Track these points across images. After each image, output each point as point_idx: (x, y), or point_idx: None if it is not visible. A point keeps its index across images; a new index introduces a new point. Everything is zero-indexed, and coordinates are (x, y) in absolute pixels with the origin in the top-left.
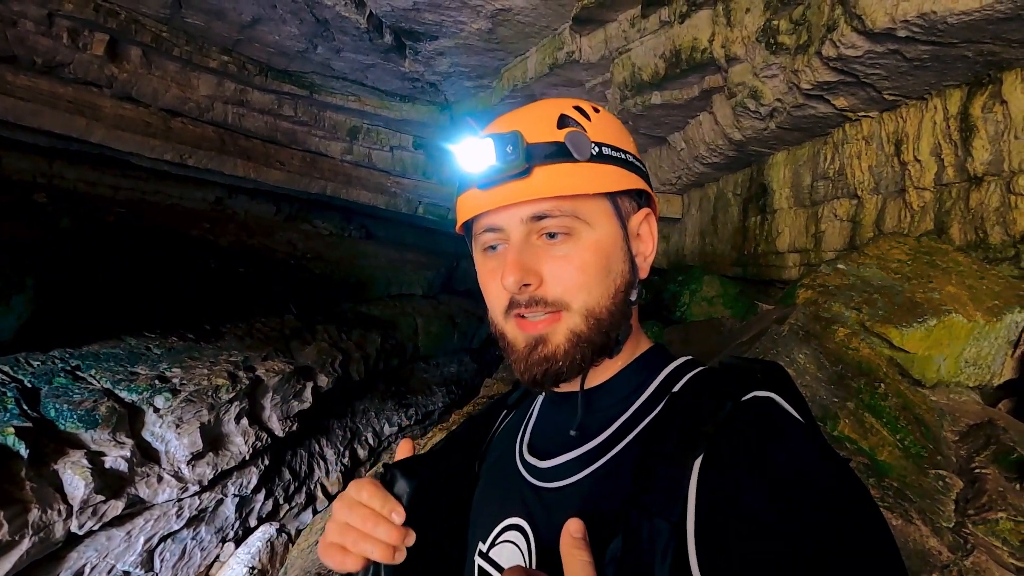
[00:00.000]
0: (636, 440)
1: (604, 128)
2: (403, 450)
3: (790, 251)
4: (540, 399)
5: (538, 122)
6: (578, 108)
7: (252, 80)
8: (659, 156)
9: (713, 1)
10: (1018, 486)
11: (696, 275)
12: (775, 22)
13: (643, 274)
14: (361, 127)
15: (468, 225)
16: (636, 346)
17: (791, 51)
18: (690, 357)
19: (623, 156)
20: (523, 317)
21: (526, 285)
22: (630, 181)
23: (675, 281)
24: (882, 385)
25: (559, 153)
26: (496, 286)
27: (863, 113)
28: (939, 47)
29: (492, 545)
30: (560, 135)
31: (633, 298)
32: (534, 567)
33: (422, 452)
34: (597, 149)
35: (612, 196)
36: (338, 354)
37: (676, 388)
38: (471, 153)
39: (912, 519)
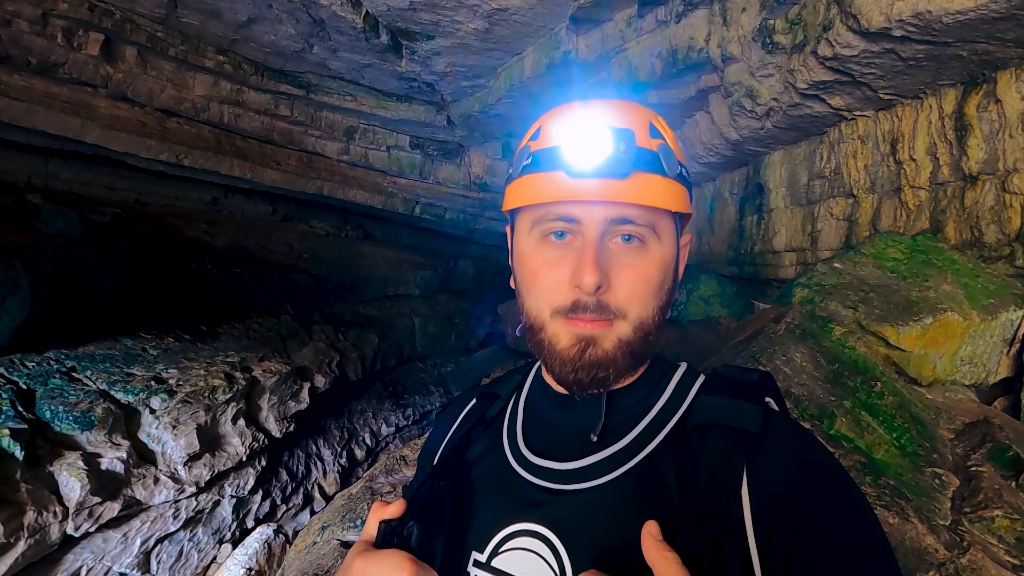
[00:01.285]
0: (669, 439)
1: (677, 148)
2: (396, 508)
3: (787, 250)
4: (523, 399)
5: (637, 125)
6: (657, 121)
7: (248, 80)
8: None
9: (709, 1)
10: (1013, 484)
11: (693, 274)
12: (771, 21)
13: (676, 293)
14: (358, 127)
15: (519, 207)
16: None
17: (787, 50)
18: (688, 364)
19: (688, 180)
20: (576, 317)
21: (599, 286)
22: (689, 206)
23: None
24: (879, 384)
25: (654, 163)
26: (555, 279)
27: (859, 112)
28: (934, 46)
29: (494, 554)
30: (654, 145)
31: (667, 315)
32: (570, 574)
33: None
34: (679, 168)
35: (677, 217)
36: (335, 354)
37: (694, 390)
38: (587, 140)
39: (909, 517)
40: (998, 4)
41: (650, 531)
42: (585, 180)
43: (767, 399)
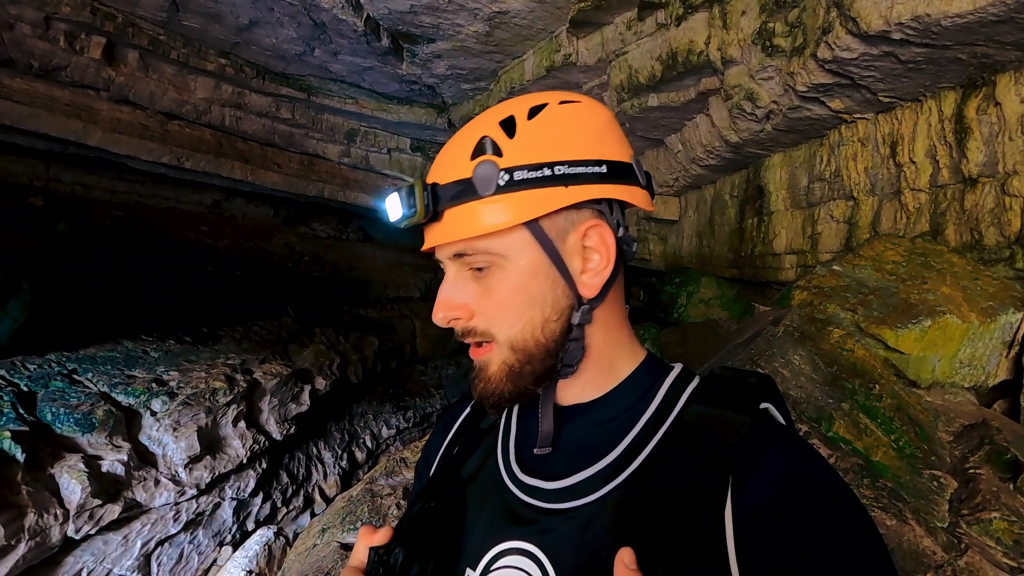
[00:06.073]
0: (654, 454)
1: (530, 142)
2: (383, 535)
3: (787, 253)
4: (516, 411)
5: (454, 156)
6: (507, 121)
7: (249, 83)
8: (656, 158)
9: (709, 4)
10: (1011, 486)
11: (693, 277)
12: (771, 24)
13: (589, 292)
14: (359, 129)
15: None
16: (631, 355)
17: (787, 53)
18: (683, 366)
19: (548, 173)
20: (471, 343)
21: (456, 319)
22: (557, 199)
23: (672, 283)
24: (877, 386)
25: (465, 192)
26: None
27: (858, 115)
28: (933, 49)
29: (486, 571)
30: (470, 169)
31: (576, 321)
32: None
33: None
34: (507, 177)
35: (531, 222)
36: (336, 357)
37: (684, 398)
38: (388, 206)
39: (906, 519)
40: (996, 7)
41: (623, 559)
42: (424, 229)
43: (766, 405)
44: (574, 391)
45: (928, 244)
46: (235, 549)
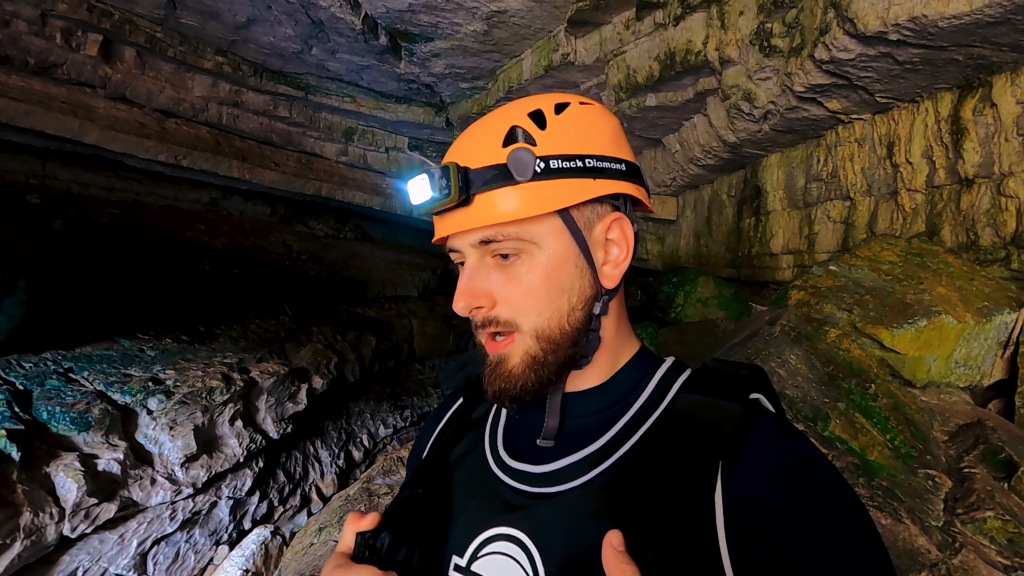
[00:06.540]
0: (644, 440)
1: (561, 134)
2: (370, 520)
3: (784, 252)
4: None
5: (484, 142)
6: (535, 114)
7: (247, 81)
8: (654, 158)
9: (707, 4)
10: (1006, 485)
11: (691, 276)
12: (768, 25)
13: (609, 283)
14: (356, 128)
15: None
16: (630, 347)
17: (784, 54)
18: (675, 358)
19: (579, 164)
20: (487, 335)
21: (478, 307)
22: (588, 190)
23: (670, 282)
24: (873, 386)
25: (500, 177)
26: None
27: (855, 115)
28: (930, 50)
29: (474, 558)
30: (503, 155)
31: (596, 311)
32: None
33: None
34: (543, 165)
35: (563, 210)
36: (333, 356)
37: (676, 388)
38: (413, 189)
39: (901, 518)
40: (993, 9)
41: (611, 541)
42: (443, 216)
43: (757, 395)
44: (577, 382)
45: (924, 244)
46: (231, 548)
